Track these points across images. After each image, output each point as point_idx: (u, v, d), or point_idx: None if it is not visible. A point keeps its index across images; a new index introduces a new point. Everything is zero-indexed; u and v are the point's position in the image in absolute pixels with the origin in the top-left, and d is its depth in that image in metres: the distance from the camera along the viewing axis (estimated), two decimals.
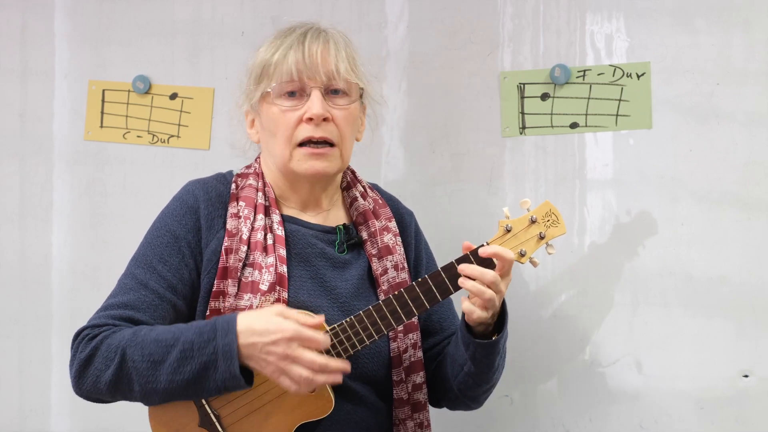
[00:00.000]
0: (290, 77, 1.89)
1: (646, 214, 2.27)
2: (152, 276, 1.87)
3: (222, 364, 1.74)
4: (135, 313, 1.84)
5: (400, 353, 1.93)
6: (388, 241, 1.98)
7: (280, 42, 1.93)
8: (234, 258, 1.87)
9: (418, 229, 2.10)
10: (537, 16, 2.36)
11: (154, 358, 1.76)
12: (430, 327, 2.04)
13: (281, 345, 1.73)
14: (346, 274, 1.94)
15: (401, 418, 1.94)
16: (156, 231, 1.92)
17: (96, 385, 1.81)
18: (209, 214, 1.91)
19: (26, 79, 2.65)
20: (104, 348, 1.79)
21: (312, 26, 1.95)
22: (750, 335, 2.22)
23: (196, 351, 1.75)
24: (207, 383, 1.76)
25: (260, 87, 1.92)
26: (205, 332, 1.76)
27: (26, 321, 2.64)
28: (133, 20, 2.59)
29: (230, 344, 1.73)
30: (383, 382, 1.94)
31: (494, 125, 2.38)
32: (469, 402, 2.01)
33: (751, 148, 2.22)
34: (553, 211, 1.86)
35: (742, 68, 2.23)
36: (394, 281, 1.95)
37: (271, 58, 1.91)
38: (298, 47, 1.90)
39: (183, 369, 1.75)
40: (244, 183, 1.96)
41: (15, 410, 2.64)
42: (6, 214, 2.65)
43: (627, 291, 2.28)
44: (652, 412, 2.27)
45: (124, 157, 2.60)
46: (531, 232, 1.84)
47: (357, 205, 2.01)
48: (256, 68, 1.94)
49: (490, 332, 1.89)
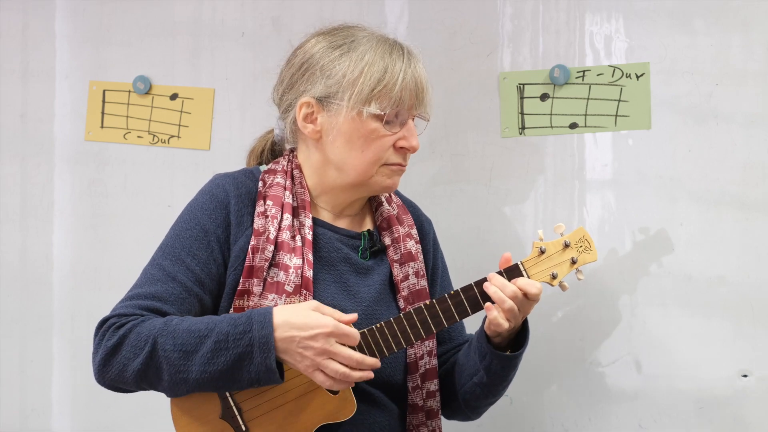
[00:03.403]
0: (403, 106, 1.87)
1: (644, 215, 2.28)
2: (180, 269, 1.85)
3: (258, 356, 1.73)
4: (162, 305, 1.82)
5: (417, 360, 1.93)
6: (411, 247, 1.98)
7: (391, 62, 1.86)
8: (260, 257, 1.86)
9: (436, 238, 2.10)
10: (536, 17, 2.37)
11: (186, 348, 1.75)
12: (439, 336, 2.04)
13: (320, 340, 1.74)
14: (368, 280, 1.94)
15: (415, 424, 1.95)
16: (185, 223, 1.89)
17: (122, 373, 1.79)
18: (239, 210, 1.89)
19: (27, 80, 2.66)
20: (133, 336, 1.78)
21: (408, 48, 1.91)
22: (748, 335, 2.22)
23: (231, 342, 1.74)
24: (240, 375, 1.75)
25: (370, 105, 1.84)
26: (241, 324, 1.75)
27: (27, 321, 2.64)
28: (133, 21, 2.60)
29: (267, 336, 1.73)
30: (399, 388, 1.94)
31: (494, 126, 2.39)
32: (470, 413, 2.02)
33: (749, 149, 2.23)
34: (587, 237, 1.88)
35: (741, 69, 2.23)
36: (414, 288, 1.95)
37: (389, 82, 1.85)
38: (413, 77, 1.87)
39: (217, 360, 1.75)
40: (271, 181, 1.93)
41: (16, 410, 2.64)
42: (7, 214, 2.65)
43: (626, 291, 2.29)
44: (651, 411, 2.27)
45: (125, 158, 2.60)
46: (564, 256, 1.87)
47: (382, 210, 2.01)
48: (369, 84, 1.85)
49: (504, 347, 1.90)
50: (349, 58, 1.87)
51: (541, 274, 1.86)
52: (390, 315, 1.89)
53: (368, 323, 1.85)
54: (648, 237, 2.27)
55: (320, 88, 1.88)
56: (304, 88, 1.90)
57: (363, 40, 1.89)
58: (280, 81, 1.95)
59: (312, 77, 1.89)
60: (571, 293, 2.31)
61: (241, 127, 2.53)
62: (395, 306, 1.94)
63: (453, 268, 2.13)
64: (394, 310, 1.93)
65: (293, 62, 1.93)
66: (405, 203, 2.07)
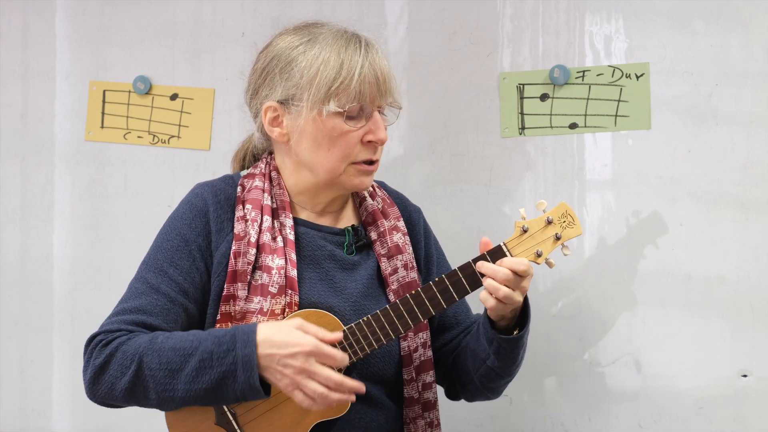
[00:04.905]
0: (363, 100, 1.85)
1: (644, 215, 2.28)
2: (164, 280, 1.86)
3: (241, 375, 1.74)
4: (148, 318, 1.83)
5: (411, 352, 1.93)
6: (398, 240, 1.98)
7: (347, 57, 1.85)
8: (243, 261, 1.86)
9: (427, 225, 2.09)
10: (536, 17, 2.37)
11: (171, 366, 1.76)
12: (446, 322, 2.04)
13: (299, 359, 1.73)
14: (355, 275, 1.94)
15: (412, 417, 1.95)
16: (166, 235, 1.90)
17: (111, 392, 1.80)
18: (218, 217, 1.90)
19: (27, 80, 2.66)
20: (120, 355, 1.79)
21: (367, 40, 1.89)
22: (748, 335, 2.22)
23: (215, 361, 1.75)
24: (225, 393, 1.76)
25: (329, 104, 1.84)
26: (225, 342, 1.75)
27: (27, 321, 2.64)
28: (133, 21, 2.60)
29: (250, 355, 1.73)
30: (393, 382, 1.94)
31: (494, 126, 2.39)
32: (489, 393, 2.01)
33: (749, 149, 2.23)
34: (569, 212, 1.86)
35: (741, 69, 2.23)
36: (404, 281, 1.95)
37: (346, 78, 1.84)
38: (371, 69, 1.85)
39: (201, 378, 1.75)
40: (250, 185, 1.94)
41: (16, 410, 2.64)
42: (7, 214, 2.65)
43: (626, 291, 2.29)
44: (651, 411, 2.27)
45: (125, 158, 2.60)
46: (547, 233, 1.85)
47: (366, 205, 2.00)
48: (324, 83, 1.84)
49: (512, 326, 1.90)
50: (305, 58, 1.87)
51: (526, 253, 1.84)
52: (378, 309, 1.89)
53: (357, 318, 1.86)
54: (648, 237, 2.27)
55: (280, 91, 1.89)
56: (266, 92, 1.91)
57: (320, 38, 1.89)
58: (247, 87, 1.97)
59: (272, 81, 1.90)
60: (571, 292, 2.31)
61: (241, 127, 2.53)
62: (384, 300, 1.94)
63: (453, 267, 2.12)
64: (383, 304, 1.92)
65: (256, 67, 1.94)
66: (391, 195, 2.06)
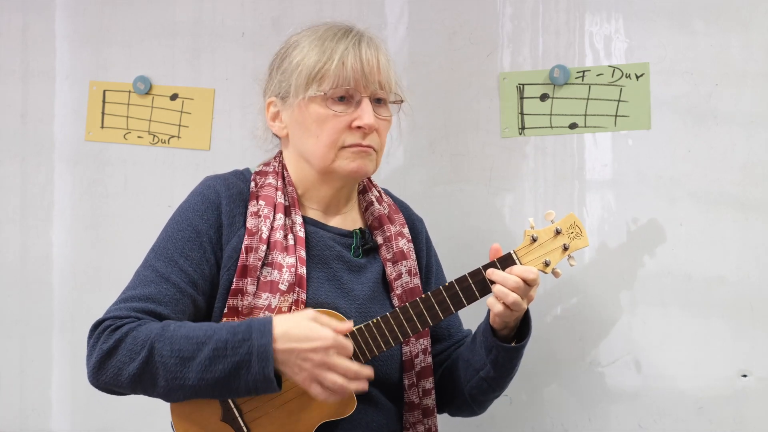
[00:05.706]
0: (346, 84, 1.87)
1: (644, 215, 2.28)
2: (174, 270, 1.85)
3: (256, 365, 1.73)
4: (157, 307, 1.82)
5: (412, 357, 1.94)
6: (403, 246, 1.99)
7: (332, 45, 1.89)
8: (253, 257, 1.86)
9: (428, 236, 2.11)
10: (536, 17, 2.37)
11: (184, 354, 1.75)
12: (438, 333, 2.05)
13: (320, 353, 1.74)
14: (362, 278, 1.94)
15: (411, 422, 1.95)
16: (177, 225, 1.89)
17: (117, 377, 1.79)
18: (230, 210, 1.90)
19: (27, 80, 2.66)
20: (130, 340, 1.77)
21: (361, 32, 1.92)
22: (748, 335, 2.22)
23: (230, 350, 1.74)
24: (237, 383, 1.75)
25: (310, 89, 1.88)
26: (240, 332, 1.75)
27: (27, 321, 2.64)
28: (133, 21, 2.60)
29: (266, 346, 1.73)
30: (394, 386, 1.94)
31: (494, 126, 2.39)
32: (476, 407, 2.03)
33: (749, 149, 2.23)
34: (577, 223, 1.89)
35: (741, 69, 2.23)
36: (407, 286, 1.96)
37: (326, 62, 1.87)
38: (356, 55, 1.88)
39: (214, 368, 1.75)
40: (263, 181, 1.94)
41: (16, 410, 2.64)
42: (7, 214, 2.65)
43: (626, 291, 2.29)
44: (651, 411, 2.27)
45: (125, 158, 2.60)
46: (556, 243, 1.87)
47: (372, 209, 2.01)
48: (306, 69, 1.88)
49: (510, 338, 1.91)
50: (296, 51, 1.92)
51: (534, 261, 1.86)
52: (383, 313, 1.89)
53: (362, 321, 1.86)
54: (647, 237, 2.27)
55: (276, 85, 1.94)
56: (268, 89, 1.97)
57: (316, 34, 1.92)
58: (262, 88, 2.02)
59: (272, 77, 1.96)
60: (571, 293, 2.31)
61: (241, 127, 2.54)
62: (389, 304, 1.95)
63: (453, 267, 2.13)
64: (388, 308, 1.93)
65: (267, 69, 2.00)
66: (396, 203, 2.08)
